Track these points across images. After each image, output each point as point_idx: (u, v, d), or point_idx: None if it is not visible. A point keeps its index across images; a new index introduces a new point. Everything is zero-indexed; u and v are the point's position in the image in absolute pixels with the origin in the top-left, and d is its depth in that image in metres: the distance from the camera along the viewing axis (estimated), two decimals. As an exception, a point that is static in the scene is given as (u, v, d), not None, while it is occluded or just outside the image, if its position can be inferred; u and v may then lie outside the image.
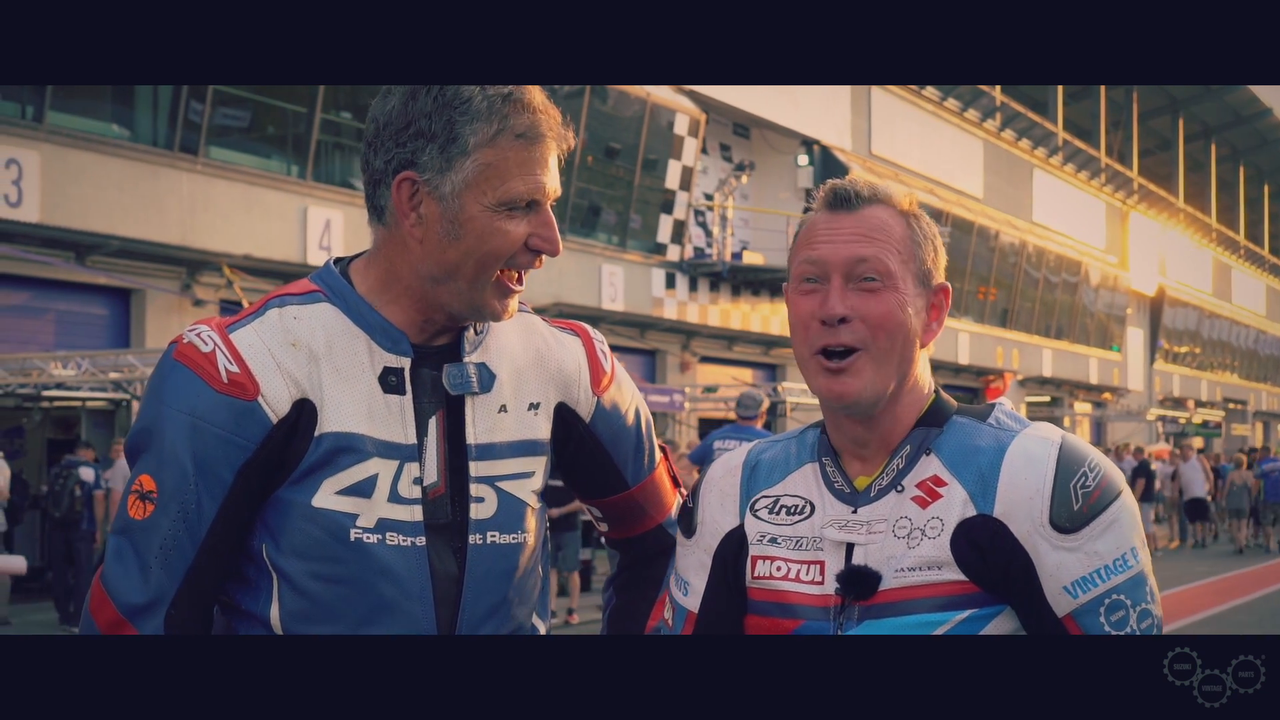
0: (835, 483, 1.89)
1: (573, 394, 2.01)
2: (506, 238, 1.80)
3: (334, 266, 1.90)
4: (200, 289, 16.39)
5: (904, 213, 1.87)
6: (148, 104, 16.40)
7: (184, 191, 16.29)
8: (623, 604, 2.17)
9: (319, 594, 1.78)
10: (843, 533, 1.84)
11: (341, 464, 1.78)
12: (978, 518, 1.77)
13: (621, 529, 2.15)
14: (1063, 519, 1.74)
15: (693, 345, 24.72)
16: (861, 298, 1.81)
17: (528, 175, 1.80)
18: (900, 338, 1.82)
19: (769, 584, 1.88)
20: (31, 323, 15.35)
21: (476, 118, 1.78)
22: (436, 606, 1.82)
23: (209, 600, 1.81)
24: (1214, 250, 51.76)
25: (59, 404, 15.67)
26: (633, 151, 22.86)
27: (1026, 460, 1.78)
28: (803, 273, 1.86)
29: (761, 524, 1.92)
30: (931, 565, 1.77)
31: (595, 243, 22.78)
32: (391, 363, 1.84)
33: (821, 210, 1.88)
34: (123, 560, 1.77)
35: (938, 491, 1.81)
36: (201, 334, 1.79)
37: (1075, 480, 1.76)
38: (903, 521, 1.81)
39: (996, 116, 35.06)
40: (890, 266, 1.82)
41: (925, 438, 1.86)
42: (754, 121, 26.45)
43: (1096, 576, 1.74)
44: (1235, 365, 55.14)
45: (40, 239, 14.62)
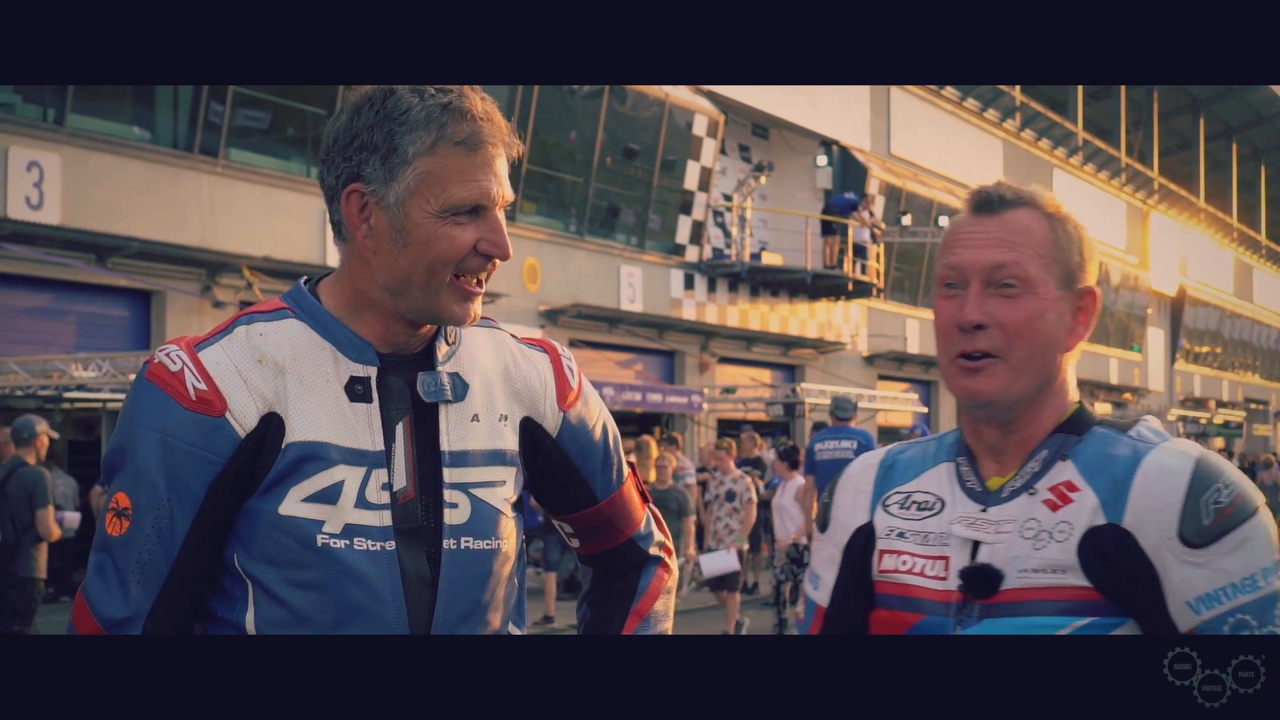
0: (968, 481, 1.89)
1: (539, 409, 2.03)
2: (453, 243, 1.83)
3: (304, 286, 1.94)
4: (220, 290, 16.44)
5: (1049, 215, 1.85)
6: (168, 106, 16.46)
7: (204, 193, 16.34)
8: (596, 617, 2.19)
9: (292, 600, 1.81)
10: (970, 530, 1.84)
11: (307, 472, 1.82)
12: (1107, 526, 1.75)
13: (592, 544, 2.18)
14: (1191, 533, 1.71)
15: (711, 346, 24.69)
16: (1000, 304, 1.80)
17: (469, 181, 1.83)
18: (1040, 344, 1.81)
19: (894, 577, 1.89)
20: (53, 325, 15.41)
21: (415, 127, 1.82)
22: (409, 610, 1.84)
23: (187, 612, 1.84)
24: (1235, 250, 51.50)
25: (80, 405, 15.74)
26: (651, 152, 22.85)
27: (1161, 472, 1.75)
28: (944, 277, 1.85)
29: (891, 519, 1.93)
30: (1056, 569, 1.76)
31: (614, 243, 22.78)
32: (357, 371, 1.87)
33: (965, 214, 1.87)
34: (103, 575, 1.82)
35: (1069, 496, 1.79)
36: (171, 354, 1.83)
37: (1208, 495, 1.72)
38: (1030, 523, 1.80)
39: (1016, 116, 34.94)
40: (1029, 272, 1.80)
41: (1063, 444, 1.84)
42: (773, 122, 26.42)
43: (1222, 594, 1.70)
44: (1257, 365, 54.85)
45: (61, 241, 14.68)
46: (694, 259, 24.17)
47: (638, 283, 22.96)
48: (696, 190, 23.84)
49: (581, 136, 21.78)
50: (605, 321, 22.22)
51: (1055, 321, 1.82)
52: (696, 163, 23.67)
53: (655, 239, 23.60)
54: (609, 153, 22.17)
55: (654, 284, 23.35)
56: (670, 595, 2.20)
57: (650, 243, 23.47)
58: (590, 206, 22.09)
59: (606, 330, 22.28)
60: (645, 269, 23.18)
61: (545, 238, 21.17)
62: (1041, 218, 1.84)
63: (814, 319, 27.16)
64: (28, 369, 13.53)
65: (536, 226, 21.16)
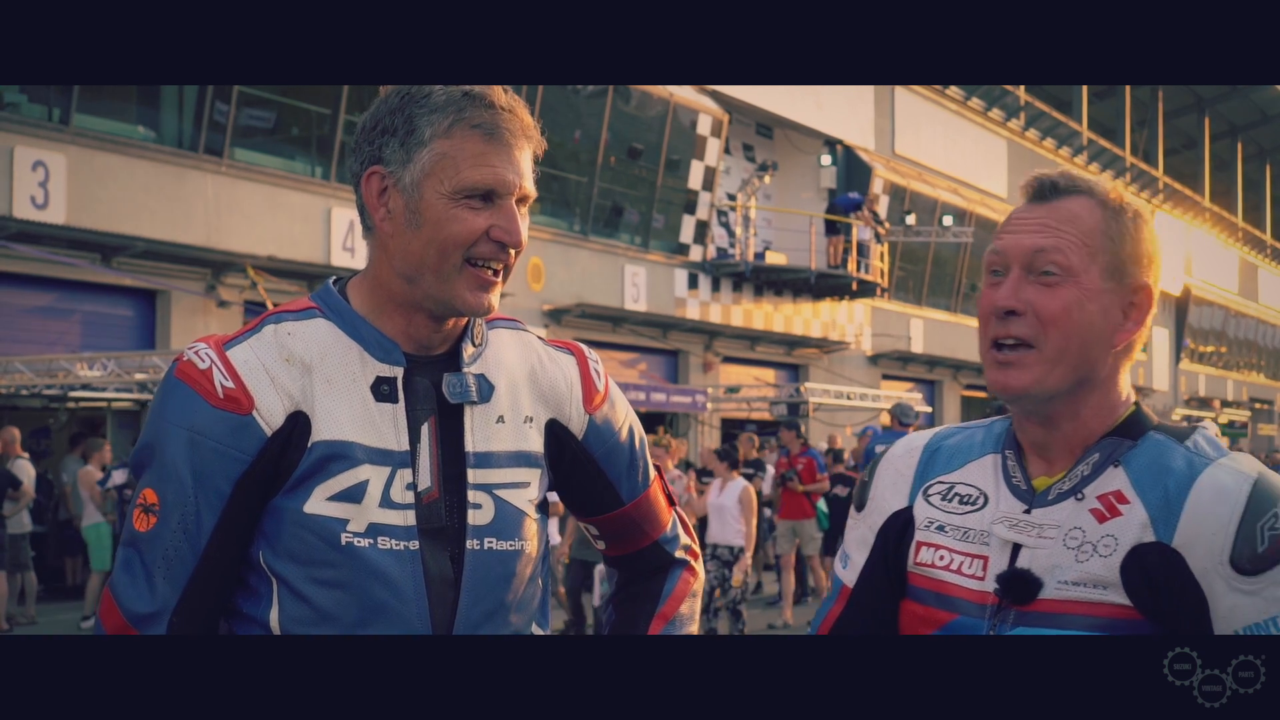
0: (1014, 478, 1.83)
1: (565, 411, 2.03)
2: (464, 225, 1.83)
3: (333, 286, 1.96)
4: (225, 290, 16.46)
5: (1104, 203, 1.77)
6: (173, 106, 16.48)
7: (209, 193, 16.36)
8: (622, 620, 2.19)
9: (315, 598, 1.81)
10: (1012, 531, 1.78)
11: (332, 471, 1.83)
12: (1155, 545, 1.67)
13: (618, 546, 2.19)
14: (1244, 559, 1.63)
15: (715, 345, 24.69)
16: (1038, 291, 1.74)
17: (482, 166, 1.83)
18: (1078, 335, 1.74)
19: (930, 571, 1.85)
20: (58, 324, 15.43)
21: (434, 110, 1.84)
22: (432, 610, 1.85)
23: (212, 609, 1.86)
24: (1240, 249, 51.45)
25: (85, 405, 15.77)
26: (655, 152, 22.85)
27: (1216, 492, 1.67)
28: (989, 263, 1.81)
29: (932, 509, 1.88)
30: (1097, 584, 1.69)
31: (618, 243, 22.78)
32: (384, 372, 1.88)
33: (1021, 201, 1.82)
34: (130, 570, 1.83)
35: (1118, 508, 1.72)
36: (199, 352, 1.85)
37: (1265, 521, 1.64)
38: (1075, 532, 1.73)
39: (1020, 116, 34.94)
40: (1071, 259, 1.73)
41: (1116, 449, 1.77)
42: (777, 122, 26.42)
43: (1272, 624, 1.63)
44: (1262, 365, 54.80)
45: (66, 241, 14.70)
46: (698, 258, 24.17)
47: (642, 282, 22.96)
48: (700, 190, 23.85)
49: (586, 136, 21.78)
50: (609, 321, 22.22)
51: (1098, 313, 1.75)
52: (700, 162, 23.67)
53: (659, 238, 23.61)
54: (613, 152, 22.17)
55: (658, 283, 23.35)
56: (696, 598, 2.19)
57: (654, 242, 23.48)
58: (594, 206, 22.10)
59: (610, 330, 22.28)
60: (649, 268, 23.18)
61: (549, 237, 21.18)
62: (1095, 206, 1.77)
63: (818, 318, 27.15)
64: (33, 368, 13.55)
65: (541, 226, 21.16)
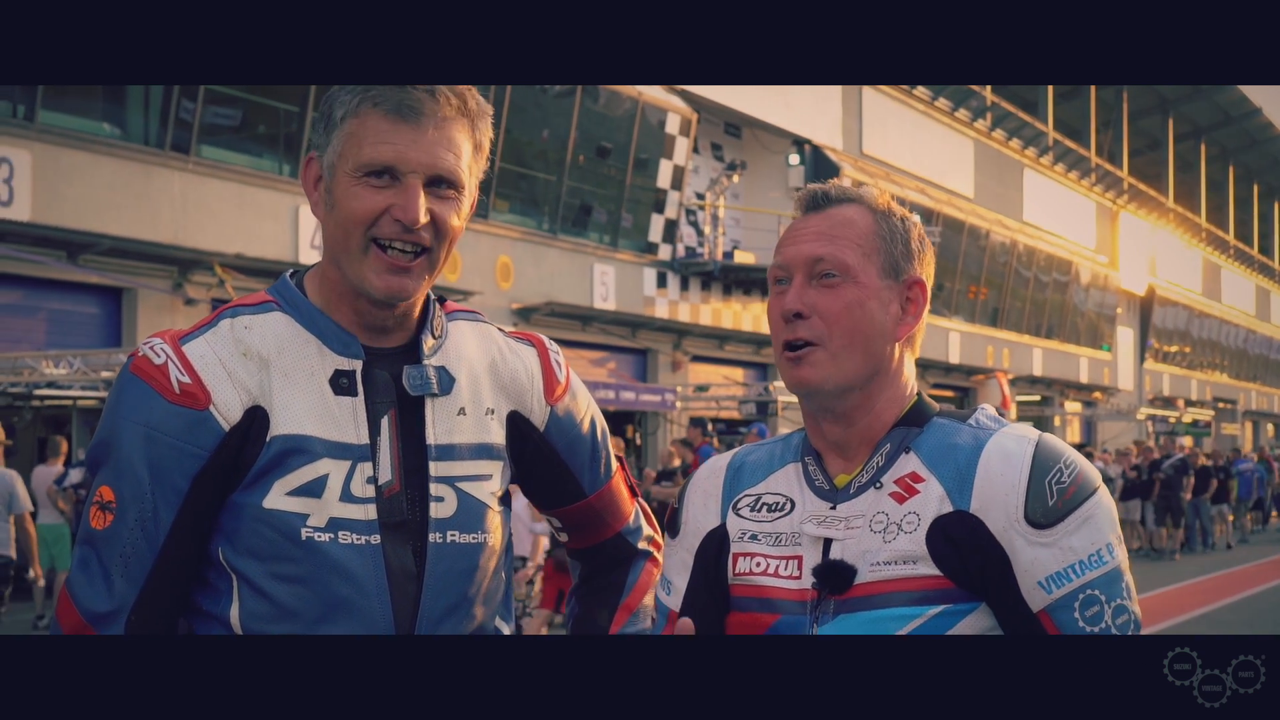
0: (816, 480, 1.91)
1: (526, 403, 2.03)
2: (361, 203, 1.81)
3: (289, 279, 1.94)
4: (192, 288, 16.36)
5: (874, 209, 1.90)
6: (139, 103, 16.36)
7: (176, 190, 16.26)
8: (584, 612, 2.19)
9: (276, 594, 1.79)
10: (821, 528, 1.86)
11: (291, 465, 1.80)
12: (954, 513, 1.78)
13: (581, 538, 2.19)
14: (1038, 514, 1.75)
15: (684, 344, 24.71)
16: (820, 293, 1.85)
17: (381, 143, 1.81)
18: (861, 331, 1.85)
19: (749, 579, 1.90)
20: (23, 322, 15.31)
21: (349, 93, 1.84)
22: (394, 604, 1.83)
23: (171, 606, 1.83)
24: (1204, 250, 51.81)
25: (50, 403, 15.65)
26: (624, 151, 22.85)
27: (1003, 457, 1.79)
28: (774, 275, 1.91)
29: (743, 522, 1.95)
30: (907, 560, 1.78)
31: (587, 242, 22.76)
32: (342, 365, 1.86)
33: (796, 213, 1.93)
34: (87, 569, 1.80)
35: (915, 488, 1.82)
36: (155, 347, 1.82)
37: (1051, 476, 1.76)
38: (879, 517, 1.82)
39: (987, 116, 35.08)
40: (848, 261, 1.85)
41: (905, 437, 1.87)
42: (745, 121, 26.45)
43: (1071, 572, 1.74)
44: (1225, 365, 55.21)
45: (32, 238, 14.58)
46: (667, 257, 24.18)
47: (610, 281, 22.95)
48: (669, 189, 23.85)
49: (554, 135, 21.76)
50: (578, 320, 22.20)
51: (878, 309, 1.85)
52: (669, 161, 23.68)
53: (628, 237, 23.60)
54: (581, 151, 22.15)
55: (627, 282, 23.35)
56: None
57: (623, 241, 23.47)
58: (563, 205, 22.07)
59: (579, 329, 22.27)
60: (618, 267, 23.18)
61: (518, 236, 21.15)
62: (866, 210, 1.89)
63: (786, 318, 27.15)
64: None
65: (509, 225, 21.13)
